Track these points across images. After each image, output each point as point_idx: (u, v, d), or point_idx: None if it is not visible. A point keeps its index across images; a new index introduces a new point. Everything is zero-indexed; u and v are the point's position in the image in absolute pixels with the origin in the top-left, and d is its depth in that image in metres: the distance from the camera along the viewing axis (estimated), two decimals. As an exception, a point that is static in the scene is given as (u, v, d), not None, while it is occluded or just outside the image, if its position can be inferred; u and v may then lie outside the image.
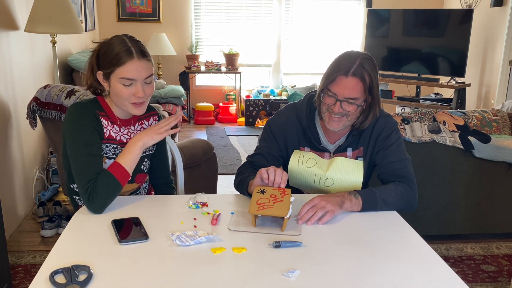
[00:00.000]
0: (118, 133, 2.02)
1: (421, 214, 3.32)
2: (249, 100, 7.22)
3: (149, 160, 2.18)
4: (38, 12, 3.75)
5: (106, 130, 1.98)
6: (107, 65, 1.88)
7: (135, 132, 2.07)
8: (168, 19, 7.28)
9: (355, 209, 1.90)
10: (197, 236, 1.61)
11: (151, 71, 1.92)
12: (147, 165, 2.16)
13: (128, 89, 1.88)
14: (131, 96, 1.90)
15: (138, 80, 1.88)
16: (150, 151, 2.17)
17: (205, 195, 2.00)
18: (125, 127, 2.05)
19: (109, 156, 1.99)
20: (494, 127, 3.36)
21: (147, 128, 1.95)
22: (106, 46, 1.90)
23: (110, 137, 1.99)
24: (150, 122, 2.15)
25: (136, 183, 2.13)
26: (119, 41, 1.90)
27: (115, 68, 1.86)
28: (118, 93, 1.90)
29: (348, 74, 1.92)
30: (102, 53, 1.91)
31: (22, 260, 3.15)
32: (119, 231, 1.65)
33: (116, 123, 2.02)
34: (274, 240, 1.62)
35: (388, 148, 2.07)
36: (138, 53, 1.87)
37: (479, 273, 3.14)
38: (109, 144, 1.99)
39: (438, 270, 1.51)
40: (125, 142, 2.02)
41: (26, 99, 3.74)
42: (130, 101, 1.91)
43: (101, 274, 1.40)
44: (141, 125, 2.11)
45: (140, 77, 1.88)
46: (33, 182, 4.01)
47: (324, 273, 1.45)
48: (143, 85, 1.90)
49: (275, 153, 2.16)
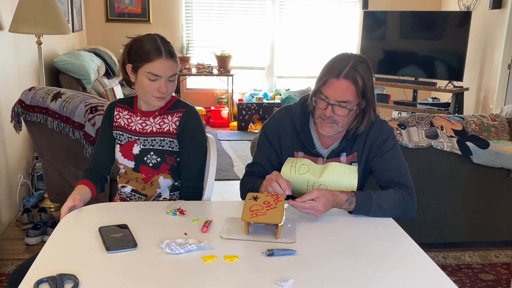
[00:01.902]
0: (135, 122, 2.22)
1: (418, 222, 3.29)
2: (241, 104, 7.17)
3: (159, 157, 2.19)
4: (23, 12, 3.70)
5: (118, 119, 2.24)
6: (137, 59, 2.07)
7: (153, 124, 2.21)
8: (158, 19, 7.22)
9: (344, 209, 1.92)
10: (187, 244, 1.58)
11: (176, 71, 2.11)
12: (153, 159, 2.19)
13: (153, 83, 2.07)
14: (155, 91, 2.08)
15: (163, 77, 2.06)
16: (161, 146, 2.20)
17: (184, 201, 2.01)
18: (142, 118, 2.22)
19: (117, 141, 2.25)
20: (493, 132, 3.34)
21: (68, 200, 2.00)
22: (138, 42, 2.10)
23: (119, 125, 2.24)
24: (172, 118, 2.21)
25: (141, 174, 2.22)
26: (151, 39, 2.09)
27: (144, 63, 2.05)
28: (143, 86, 2.08)
29: (340, 77, 1.90)
30: (133, 48, 2.10)
31: (6, 268, 3.10)
32: (107, 238, 1.61)
33: (136, 114, 2.23)
34: (267, 248, 1.59)
35: (384, 154, 2.05)
36: (167, 52, 2.06)
37: (477, 282, 3.11)
38: (117, 132, 2.24)
39: (435, 279, 1.49)
40: (137, 131, 2.21)
41: (11, 102, 3.67)
42: (153, 95, 2.09)
43: (88, 283, 1.37)
44: (162, 119, 2.21)
45: (165, 74, 2.06)
46: (18, 188, 3.94)
47: (319, 282, 1.43)
48: (166, 82, 2.08)
49: (273, 159, 2.14)
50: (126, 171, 2.23)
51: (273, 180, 1.86)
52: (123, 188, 2.26)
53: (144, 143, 2.19)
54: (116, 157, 2.25)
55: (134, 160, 2.20)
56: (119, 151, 2.23)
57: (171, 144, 2.20)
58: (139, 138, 2.20)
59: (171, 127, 2.19)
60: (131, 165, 2.21)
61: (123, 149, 2.22)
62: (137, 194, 2.23)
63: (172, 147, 2.20)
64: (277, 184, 1.84)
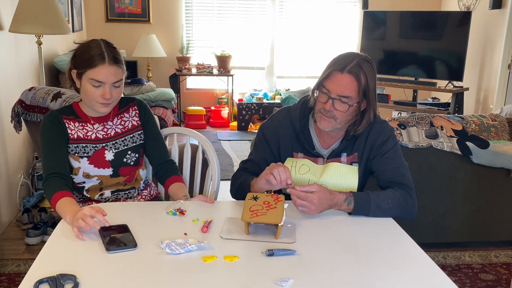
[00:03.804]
0: (93, 131, 2.15)
1: (418, 222, 3.28)
2: (241, 104, 7.16)
3: (136, 153, 2.22)
4: (23, 12, 3.69)
5: (73, 131, 2.11)
6: (81, 65, 2.03)
7: (114, 127, 2.19)
8: (158, 19, 7.21)
9: (343, 210, 1.92)
10: (187, 244, 1.58)
11: (121, 76, 2.07)
12: (132, 157, 2.20)
13: (96, 90, 2.03)
14: (99, 97, 2.04)
15: (106, 83, 2.02)
16: (134, 143, 2.22)
17: (185, 202, 2.00)
18: (100, 124, 2.17)
19: (81, 155, 2.11)
20: (493, 132, 3.34)
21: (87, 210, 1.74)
22: (83, 47, 2.07)
23: (78, 137, 2.12)
24: (130, 113, 2.24)
25: (122, 176, 2.18)
26: (95, 44, 2.05)
27: (87, 69, 2.02)
28: (87, 92, 2.04)
29: (344, 71, 1.91)
30: (79, 54, 2.06)
31: (6, 268, 3.09)
32: (107, 238, 1.61)
33: (89, 122, 2.15)
34: (267, 248, 1.59)
35: (384, 154, 2.05)
36: (110, 58, 2.02)
37: (477, 282, 3.11)
38: (79, 144, 2.12)
39: (435, 279, 1.48)
40: (101, 138, 2.15)
41: (11, 102, 3.66)
42: (98, 101, 2.05)
43: (88, 284, 1.37)
44: (120, 119, 2.21)
45: (108, 80, 2.02)
46: (18, 188, 3.94)
47: (319, 282, 1.42)
48: (111, 88, 2.04)
49: (268, 158, 2.13)
50: (101, 181, 2.15)
51: (277, 167, 1.85)
52: (100, 196, 2.17)
53: (116, 146, 2.17)
54: (84, 172, 2.11)
55: (111, 167, 2.15)
56: (88, 164, 2.11)
57: (140, 137, 2.25)
58: (107, 144, 2.15)
59: (133, 122, 2.23)
60: (109, 173, 2.15)
61: (93, 160, 2.12)
62: (121, 192, 2.20)
63: (142, 139, 2.25)
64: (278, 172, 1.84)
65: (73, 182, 2.12)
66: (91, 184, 2.15)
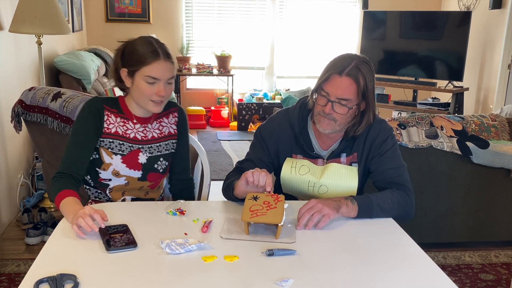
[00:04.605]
0: (133, 130, 2.11)
1: (418, 222, 3.28)
2: (241, 104, 7.16)
3: (166, 160, 2.19)
4: (23, 12, 3.69)
5: (110, 126, 2.08)
6: (133, 63, 1.99)
7: (152, 130, 2.15)
8: (158, 19, 7.21)
9: (351, 214, 1.87)
10: (187, 244, 1.58)
11: (174, 72, 2.05)
12: (163, 165, 2.17)
13: (151, 87, 1.99)
14: (153, 94, 2.00)
15: (161, 80, 1.99)
16: (167, 150, 2.19)
17: (184, 201, 2.00)
18: (142, 125, 2.13)
19: (116, 151, 2.08)
20: (493, 132, 3.34)
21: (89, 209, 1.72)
22: (132, 45, 2.02)
23: (116, 133, 2.08)
24: (169, 119, 2.21)
25: (148, 181, 2.16)
26: (146, 41, 2.02)
27: (141, 67, 1.97)
28: (141, 90, 2.00)
29: (342, 74, 1.90)
30: (127, 52, 2.02)
31: (6, 268, 3.09)
32: (107, 238, 1.61)
33: (132, 120, 2.12)
34: (267, 248, 1.58)
35: (383, 154, 2.05)
36: (164, 54, 1.99)
37: (477, 282, 3.11)
38: (115, 140, 2.08)
39: (435, 279, 1.48)
40: (139, 139, 2.12)
41: (11, 102, 3.65)
42: (151, 99, 2.01)
43: (88, 283, 1.37)
44: (159, 123, 2.18)
45: (164, 77, 1.99)
46: (18, 188, 3.94)
47: (319, 282, 1.42)
48: (165, 84, 2.01)
49: (265, 159, 2.13)
50: (128, 182, 2.12)
51: (259, 171, 1.84)
52: (122, 201, 2.16)
53: (150, 150, 2.13)
54: (115, 169, 2.09)
55: (141, 170, 2.11)
56: (121, 163, 2.08)
57: (173, 145, 2.21)
58: (143, 147, 2.11)
59: (171, 129, 2.20)
60: (138, 175, 2.11)
61: (126, 160, 2.09)
62: (141, 201, 2.18)
63: (174, 148, 2.21)
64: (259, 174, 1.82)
65: (98, 177, 2.11)
66: (118, 183, 2.12)
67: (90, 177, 2.15)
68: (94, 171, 2.11)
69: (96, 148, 2.08)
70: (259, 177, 1.82)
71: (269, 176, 1.84)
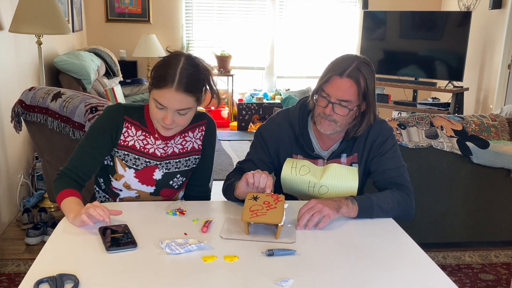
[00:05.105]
0: (153, 146, 2.00)
1: (418, 222, 3.28)
2: (241, 104, 7.16)
3: (184, 177, 2.10)
4: (23, 12, 3.69)
5: (128, 139, 1.98)
6: (152, 80, 1.84)
7: (174, 145, 2.03)
8: (158, 19, 7.19)
9: (351, 214, 1.88)
10: (187, 244, 1.58)
11: (189, 105, 1.85)
12: (179, 181, 2.09)
13: (159, 111, 1.84)
14: (160, 119, 1.85)
15: (169, 109, 1.82)
16: (187, 167, 2.09)
17: (184, 201, 1.99)
18: (163, 142, 2.01)
19: (129, 165, 2.00)
20: (493, 132, 3.34)
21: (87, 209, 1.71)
22: (164, 61, 1.86)
23: (133, 146, 1.98)
24: (195, 134, 2.07)
25: (161, 197, 2.10)
26: (174, 62, 1.83)
27: (154, 88, 1.83)
28: (151, 110, 1.88)
29: (343, 75, 1.89)
30: (157, 65, 1.87)
31: (6, 268, 3.09)
32: (107, 238, 1.61)
33: (153, 135, 2.00)
34: (267, 248, 1.58)
35: (383, 155, 2.05)
36: (180, 84, 1.79)
37: (477, 282, 3.10)
38: (131, 154, 1.99)
39: (435, 279, 1.48)
40: (158, 156, 2.01)
41: (11, 101, 3.65)
42: (159, 123, 1.88)
43: (88, 283, 1.37)
44: (183, 138, 2.05)
45: (171, 106, 1.82)
46: (18, 188, 3.93)
47: (319, 282, 1.42)
48: (174, 114, 1.84)
49: (266, 159, 2.13)
50: (138, 196, 2.07)
51: (260, 173, 1.84)
52: None
53: (167, 166, 2.04)
54: (126, 182, 2.03)
55: (155, 185, 2.05)
56: (134, 177, 2.01)
57: (195, 161, 2.10)
58: (160, 163, 2.02)
59: (195, 144, 2.08)
60: (150, 190, 2.06)
61: (140, 175, 2.01)
62: None
63: (195, 163, 2.11)
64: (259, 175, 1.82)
65: (111, 184, 2.06)
66: (128, 195, 2.08)
67: (103, 181, 2.12)
68: (108, 177, 2.07)
69: (111, 155, 2.02)
70: (259, 179, 1.82)
71: (269, 178, 1.83)
